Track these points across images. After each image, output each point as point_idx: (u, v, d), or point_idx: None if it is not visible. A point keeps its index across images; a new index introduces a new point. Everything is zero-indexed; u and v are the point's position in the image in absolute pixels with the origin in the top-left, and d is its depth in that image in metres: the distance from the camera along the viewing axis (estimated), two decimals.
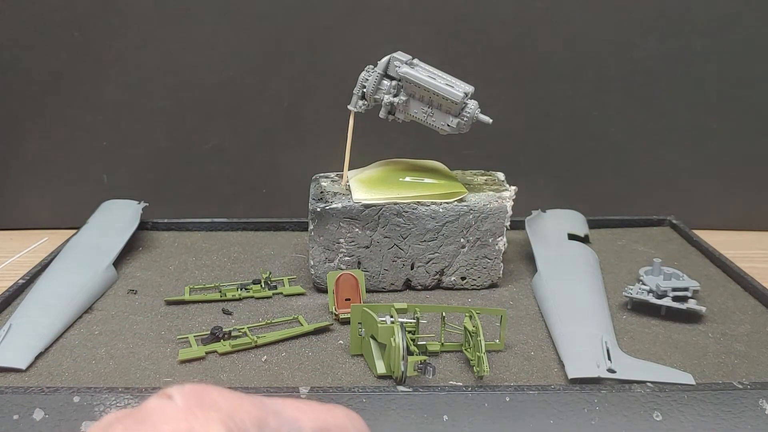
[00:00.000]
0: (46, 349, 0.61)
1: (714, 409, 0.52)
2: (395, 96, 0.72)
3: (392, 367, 0.54)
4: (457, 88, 0.70)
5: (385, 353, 0.56)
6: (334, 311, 0.67)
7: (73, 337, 0.64)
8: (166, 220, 0.94)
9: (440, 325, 0.62)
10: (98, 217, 0.88)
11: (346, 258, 0.72)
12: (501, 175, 0.80)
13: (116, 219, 0.87)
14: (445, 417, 0.51)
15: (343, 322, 0.66)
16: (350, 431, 0.33)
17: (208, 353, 0.61)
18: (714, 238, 0.88)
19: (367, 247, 0.72)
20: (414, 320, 0.60)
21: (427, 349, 0.61)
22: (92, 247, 0.79)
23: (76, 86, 0.98)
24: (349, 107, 0.74)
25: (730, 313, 0.69)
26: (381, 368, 0.57)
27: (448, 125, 0.72)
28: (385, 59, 0.72)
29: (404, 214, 0.71)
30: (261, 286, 0.74)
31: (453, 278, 0.74)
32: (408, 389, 0.52)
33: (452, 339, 0.62)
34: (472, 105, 0.71)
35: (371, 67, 0.73)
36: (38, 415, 0.50)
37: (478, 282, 0.75)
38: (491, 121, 0.72)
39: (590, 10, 0.96)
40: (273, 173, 1.01)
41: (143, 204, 0.91)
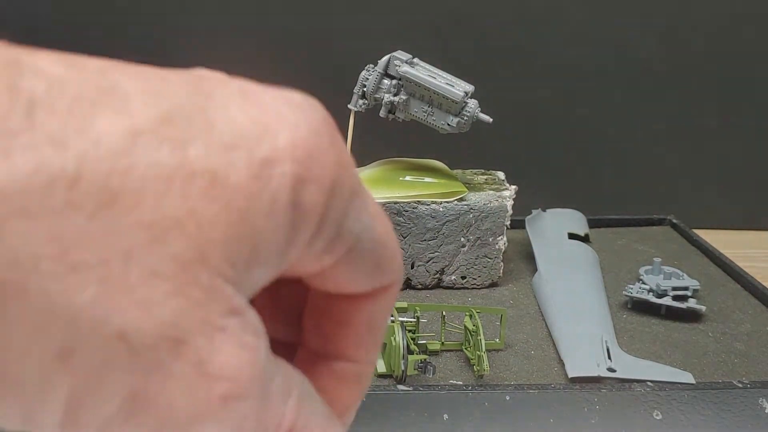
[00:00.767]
0: None
1: (714, 408, 0.52)
2: (395, 95, 0.72)
3: (392, 366, 0.54)
4: (457, 87, 0.70)
5: (386, 352, 0.56)
6: None
7: None
8: None
9: (440, 324, 0.62)
10: None
11: None
12: (501, 175, 0.80)
13: None
14: (445, 416, 0.51)
15: None
16: (399, 267, 0.27)
17: None
18: (714, 238, 0.88)
19: None
20: (414, 319, 0.60)
21: (427, 348, 0.61)
22: None
23: None
24: (349, 106, 0.74)
25: (730, 313, 0.69)
26: (381, 367, 0.57)
27: (449, 124, 0.72)
28: (386, 58, 0.72)
29: (404, 213, 0.71)
30: None
31: (453, 277, 0.74)
32: (408, 388, 0.52)
33: (452, 338, 0.62)
34: (473, 104, 0.71)
35: (371, 66, 0.73)
36: None
37: (478, 281, 0.75)
38: (491, 120, 0.72)
39: (590, 9, 0.96)
40: None
41: None
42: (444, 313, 0.62)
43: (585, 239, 0.84)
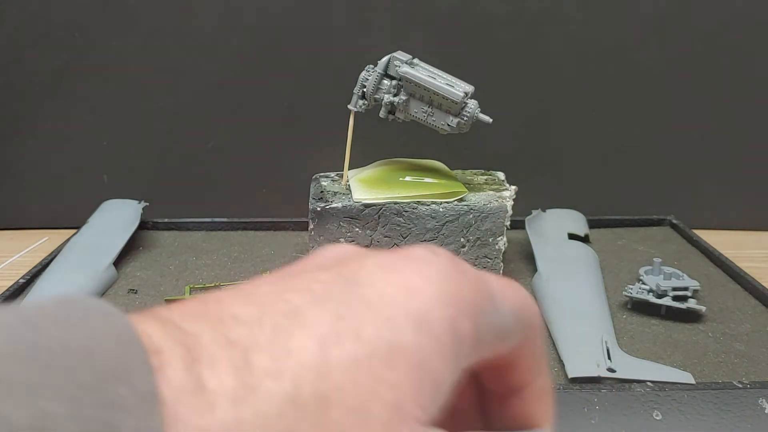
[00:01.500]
0: None
1: (714, 408, 0.52)
2: (395, 95, 0.72)
3: None
4: (457, 87, 0.71)
5: None
6: None
7: None
8: (166, 220, 0.94)
9: None
10: (98, 217, 0.88)
11: None
12: (501, 175, 0.80)
13: (116, 219, 0.87)
14: None
15: None
16: (534, 308, 0.34)
17: None
18: (714, 238, 0.88)
19: (368, 247, 0.72)
20: None
21: None
22: (92, 246, 0.79)
23: (77, 86, 0.98)
24: (349, 107, 0.74)
25: (730, 313, 0.69)
26: None
27: (449, 125, 0.72)
28: (386, 59, 0.72)
29: (404, 213, 0.72)
30: None
31: None
32: None
33: None
34: (472, 104, 0.71)
35: (371, 66, 0.73)
36: None
37: None
38: (491, 120, 0.72)
39: (590, 9, 0.96)
40: (273, 173, 1.01)
41: (143, 204, 0.91)
42: None
43: (585, 240, 0.84)
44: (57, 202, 1.02)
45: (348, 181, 0.75)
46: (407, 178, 0.75)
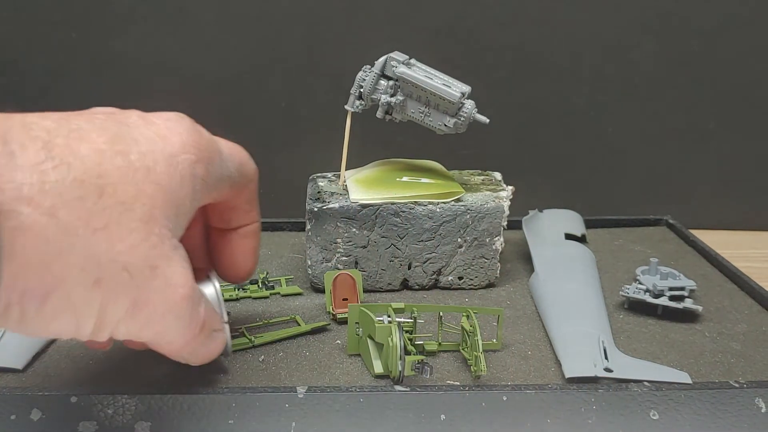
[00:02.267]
0: (44, 350, 0.61)
1: (710, 408, 0.52)
2: (392, 96, 0.72)
3: (390, 367, 0.54)
4: (454, 87, 0.71)
5: (383, 353, 0.56)
6: (332, 311, 0.67)
7: None
8: None
9: (437, 324, 0.62)
10: None
11: (344, 258, 0.72)
12: (498, 175, 0.80)
13: None
14: (443, 416, 0.51)
15: (341, 321, 0.66)
16: (252, 165, 0.53)
17: None
18: (711, 238, 0.89)
19: (365, 247, 0.72)
20: (411, 320, 0.60)
21: (424, 349, 0.61)
22: None
23: (75, 86, 0.98)
24: (346, 107, 0.74)
25: (727, 313, 0.70)
26: (378, 368, 0.57)
27: (445, 125, 0.72)
28: (382, 59, 0.72)
29: (401, 213, 0.72)
30: (258, 286, 0.74)
31: (450, 278, 0.74)
32: (405, 388, 0.52)
33: (449, 339, 0.62)
34: (469, 105, 0.71)
35: (368, 67, 0.73)
36: (35, 415, 0.50)
37: (475, 282, 0.75)
38: (488, 120, 0.72)
39: (588, 10, 0.96)
40: (270, 173, 1.00)
41: None
42: (441, 313, 0.62)
43: (582, 240, 0.84)
44: None
45: (345, 182, 0.75)
46: (404, 179, 0.75)
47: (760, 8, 0.95)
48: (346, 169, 0.77)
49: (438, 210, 0.72)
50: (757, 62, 0.97)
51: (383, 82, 0.72)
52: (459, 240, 0.73)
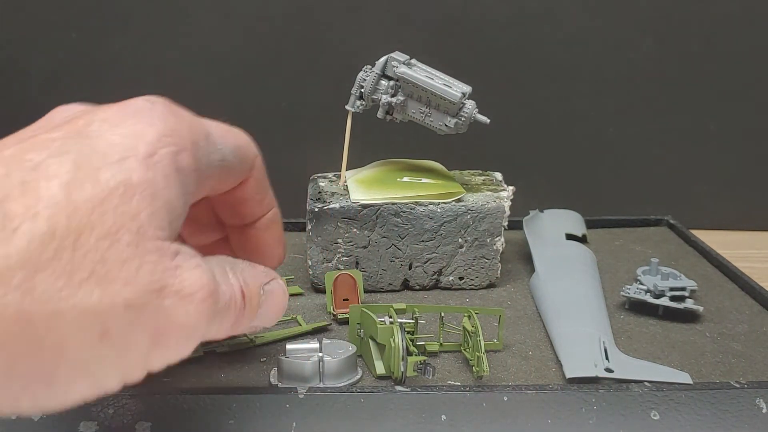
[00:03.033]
0: None
1: (711, 408, 0.52)
2: (393, 96, 0.72)
3: (392, 368, 0.54)
4: (454, 88, 0.71)
5: (385, 354, 0.56)
6: (332, 311, 0.67)
7: None
8: None
9: (438, 325, 0.62)
10: None
11: (344, 258, 0.72)
12: (499, 175, 0.80)
13: None
14: (443, 417, 0.51)
15: (341, 322, 0.66)
16: (253, 148, 0.48)
17: (206, 353, 0.61)
18: (711, 238, 0.89)
19: (365, 248, 0.72)
20: (413, 320, 0.60)
21: (426, 350, 0.61)
22: None
23: (74, 86, 0.98)
24: (346, 107, 0.74)
25: (728, 313, 0.70)
26: (380, 369, 0.57)
27: (446, 125, 0.72)
28: (383, 59, 0.72)
29: (402, 214, 0.72)
30: None
31: (451, 278, 0.74)
32: (406, 389, 0.52)
33: (451, 339, 0.62)
34: (470, 105, 0.71)
35: (369, 67, 0.73)
36: (36, 415, 0.50)
37: (475, 282, 0.75)
38: (489, 121, 0.72)
39: (588, 10, 0.96)
40: (270, 173, 1.00)
41: None
42: (442, 314, 0.62)
43: (583, 240, 0.84)
44: None
45: (346, 182, 0.75)
46: (405, 179, 0.75)
47: (760, 8, 0.95)
48: (346, 170, 0.77)
49: (439, 210, 0.72)
50: (757, 62, 0.97)
51: (384, 82, 0.72)
52: (460, 240, 0.73)
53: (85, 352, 0.33)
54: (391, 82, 0.72)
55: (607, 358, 0.57)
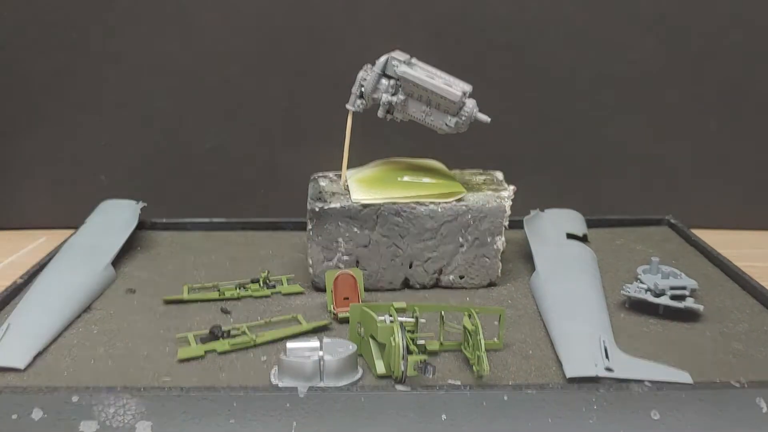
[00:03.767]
0: (45, 349, 0.61)
1: (712, 408, 0.52)
2: (393, 95, 0.72)
3: (392, 367, 0.54)
4: (455, 87, 0.71)
5: (385, 353, 0.56)
6: (333, 310, 0.67)
7: (72, 336, 0.64)
8: (164, 220, 0.94)
9: (439, 324, 0.62)
10: (97, 217, 0.88)
11: (345, 257, 0.72)
12: (500, 175, 0.80)
13: (115, 219, 0.87)
14: (444, 416, 0.51)
15: (342, 321, 0.66)
16: None
17: (207, 352, 0.61)
18: (712, 238, 0.89)
19: (366, 247, 0.72)
20: (413, 319, 0.60)
21: (426, 349, 0.61)
22: (91, 246, 0.79)
23: (75, 86, 0.98)
24: (347, 106, 0.74)
25: (728, 312, 0.70)
26: (381, 368, 0.57)
27: (447, 124, 0.72)
28: (384, 58, 0.72)
29: (403, 213, 0.72)
30: (260, 285, 0.74)
31: (451, 277, 0.74)
32: (406, 388, 0.52)
33: (451, 338, 0.62)
34: (471, 104, 0.71)
35: (369, 66, 0.73)
36: (37, 414, 0.50)
37: (476, 281, 0.75)
38: (489, 120, 0.72)
39: (588, 10, 0.96)
40: (271, 173, 1.01)
41: (142, 204, 0.91)
42: (443, 313, 0.62)
43: (583, 239, 0.84)
44: (55, 202, 1.02)
45: (346, 182, 0.75)
46: (405, 178, 0.75)
47: (760, 8, 0.95)
48: (347, 169, 0.76)
49: (439, 210, 0.72)
50: (757, 62, 0.97)
51: (384, 81, 0.72)
52: (460, 239, 0.73)
53: None
54: (392, 81, 0.72)
55: (607, 357, 0.57)
